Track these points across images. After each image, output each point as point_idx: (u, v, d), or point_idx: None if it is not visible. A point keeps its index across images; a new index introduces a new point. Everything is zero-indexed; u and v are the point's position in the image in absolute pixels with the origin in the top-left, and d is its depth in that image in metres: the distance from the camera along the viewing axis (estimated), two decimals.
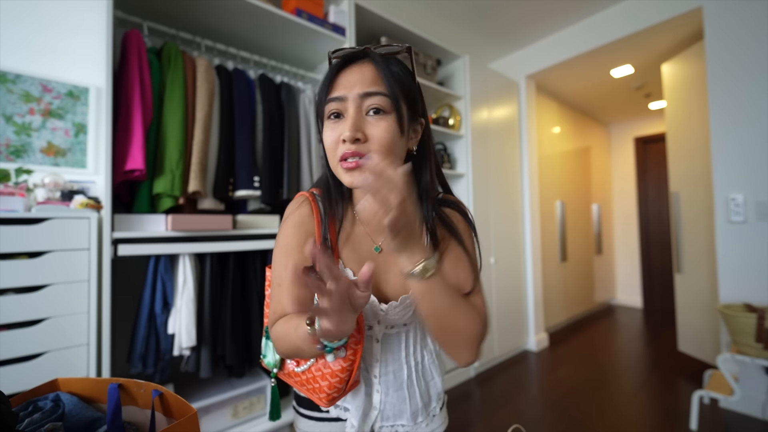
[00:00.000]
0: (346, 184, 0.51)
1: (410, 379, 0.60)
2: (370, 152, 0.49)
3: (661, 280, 3.85)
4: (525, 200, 2.80)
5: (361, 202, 0.47)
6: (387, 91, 0.50)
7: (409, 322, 0.59)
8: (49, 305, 0.99)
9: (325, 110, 0.52)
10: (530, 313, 2.77)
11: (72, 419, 0.44)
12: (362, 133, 0.48)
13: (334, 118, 0.51)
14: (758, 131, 1.78)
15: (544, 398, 1.98)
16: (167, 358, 1.25)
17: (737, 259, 1.85)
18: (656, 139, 3.92)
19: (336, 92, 0.50)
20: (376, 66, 0.51)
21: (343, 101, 0.50)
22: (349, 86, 0.50)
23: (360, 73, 0.50)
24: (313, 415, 0.61)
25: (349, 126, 0.48)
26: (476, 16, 2.38)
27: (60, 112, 1.36)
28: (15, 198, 1.02)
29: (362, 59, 0.52)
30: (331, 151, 0.51)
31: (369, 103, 0.49)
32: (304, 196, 0.58)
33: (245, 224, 1.41)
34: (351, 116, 0.49)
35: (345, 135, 0.48)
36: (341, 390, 0.51)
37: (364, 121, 0.49)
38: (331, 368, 0.50)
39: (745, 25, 1.82)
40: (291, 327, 0.47)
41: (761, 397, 1.69)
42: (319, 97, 0.53)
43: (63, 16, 1.37)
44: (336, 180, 0.56)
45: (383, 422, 0.59)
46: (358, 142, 0.48)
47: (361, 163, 0.48)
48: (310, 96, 1.66)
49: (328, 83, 0.51)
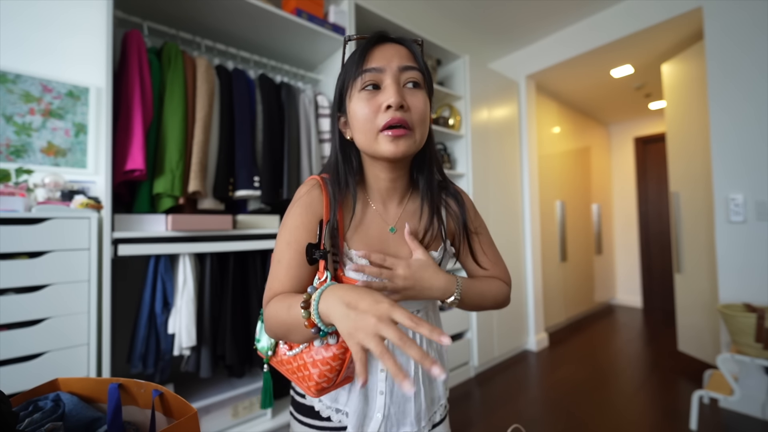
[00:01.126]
0: (388, 154, 0.50)
1: (417, 375, 0.58)
2: (412, 123, 0.50)
3: (661, 280, 3.85)
4: (525, 200, 2.80)
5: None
6: (420, 68, 0.52)
7: (414, 310, 0.59)
8: (50, 305, 0.99)
9: (358, 82, 0.51)
10: (530, 313, 2.77)
11: (72, 419, 0.44)
12: (405, 102, 0.50)
13: (372, 89, 0.51)
14: (758, 131, 1.78)
15: (544, 398, 1.98)
16: (167, 358, 1.25)
17: (737, 259, 1.85)
18: (656, 139, 3.92)
19: (373, 64, 0.50)
20: (408, 46, 0.53)
21: (381, 72, 0.50)
22: (386, 59, 0.51)
23: (394, 49, 0.52)
24: (314, 423, 0.58)
25: (395, 92, 0.49)
26: (476, 16, 2.38)
27: (60, 112, 1.36)
28: (15, 198, 1.02)
29: (390, 40, 0.53)
30: (369, 122, 0.50)
31: (407, 76, 0.51)
32: (315, 179, 0.58)
33: (245, 224, 1.41)
34: (393, 85, 0.49)
35: (391, 100, 0.48)
36: (332, 380, 0.49)
37: (404, 91, 0.51)
38: (323, 355, 0.48)
39: (745, 25, 1.82)
40: (284, 306, 0.46)
41: (761, 397, 1.69)
42: (348, 72, 0.53)
43: (63, 16, 1.37)
44: (348, 163, 0.57)
45: (388, 430, 0.57)
46: (401, 109, 0.49)
47: (406, 133, 0.50)
48: (310, 96, 1.66)
49: (360, 57, 0.51)
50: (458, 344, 2.17)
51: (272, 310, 0.49)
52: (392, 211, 0.59)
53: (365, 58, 0.51)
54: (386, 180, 0.57)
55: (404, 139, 0.50)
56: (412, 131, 0.50)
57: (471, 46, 2.72)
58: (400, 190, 0.59)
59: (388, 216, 0.59)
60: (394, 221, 0.59)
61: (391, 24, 1.86)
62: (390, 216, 0.59)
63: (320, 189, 0.55)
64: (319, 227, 0.52)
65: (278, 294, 0.51)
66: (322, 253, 0.49)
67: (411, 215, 0.60)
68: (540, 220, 2.93)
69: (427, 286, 0.54)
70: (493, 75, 2.57)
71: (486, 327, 2.34)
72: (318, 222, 0.53)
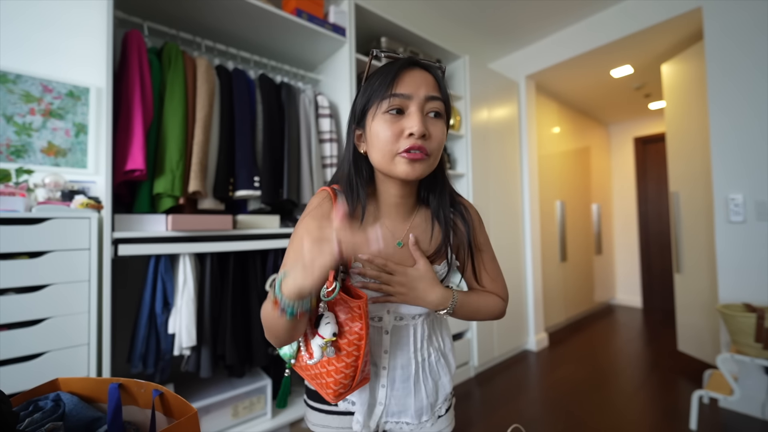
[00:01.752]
0: (404, 175, 0.53)
1: (417, 375, 0.61)
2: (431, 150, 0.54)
3: (660, 280, 3.85)
4: (525, 200, 2.80)
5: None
6: (444, 98, 0.55)
7: (416, 314, 0.61)
8: (50, 305, 0.99)
9: (384, 104, 0.53)
10: (530, 313, 2.77)
11: (72, 419, 0.44)
12: (428, 131, 0.53)
13: (396, 113, 0.53)
14: (758, 131, 1.78)
15: (544, 398, 1.98)
16: (167, 358, 1.25)
17: (737, 259, 1.85)
18: (656, 139, 3.92)
19: (401, 89, 0.53)
20: (434, 75, 0.56)
21: (409, 99, 0.53)
22: (414, 86, 0.53)
23: (423, 77, 0.54)
24: (324, 408, 0.63)
25: (419, 122, 0.51)
26: (476, 16, 2.38)
27: (60, 113, 1.36)
28: (15, 198, 1.02)
29: (419, 65, 0.56)
30: (389, 144, 0.53)
31: (431, 105, 0.54)
32: (326, 191, 0.60)
33: (245, 224, 1.41)
34: (417, 113, 0.52)
35: (415, 129, 0.51)
36: (347, 386, 0.52)
37: (427, 121, 0.54)
38: (335, 365, 0.51)
39: (745, 25, 1.82)
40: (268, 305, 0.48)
41: (761, 397, 1.69)
42: (374, 91, 0.55)
43: (63, 16, 1.37)
44: (360, 176, 0.59)
45: (388, 417, 0.61)
46: (423, 138, 0.52)
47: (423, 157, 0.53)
48: (310, 96, 1.67)
49: (390, 80, 0.53)
50: (458, 344, 2.17)
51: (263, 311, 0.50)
52: (400, 225, 0.61)
53: (395, 81, 0.53)
54: (396, 196, 0.60)
55: (421, 163, 0.53)
56: (429, 156, 0.54)
57: (471, 46, 2.72)
58: (409, 206, 0.62)
59: (396, 230, 0.61)
60: (402, 235, 0.61)
61: (391, 24, 1.86)
62: (397, 230, 0.61)
63: (331, 201, 0.58)
64: None
65: None
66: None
67: (418, 230, 0.62)
68: (540, 220, 2.93)
69: (420, 296, 0.57)
70: (493, 75, 2.57)
71: (486, 327, 2.34)
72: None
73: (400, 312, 0.60)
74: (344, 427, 0.62)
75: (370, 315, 0.59)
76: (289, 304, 0.41)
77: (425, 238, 0.62)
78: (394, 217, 0.61)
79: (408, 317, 0.61)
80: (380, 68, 0.57)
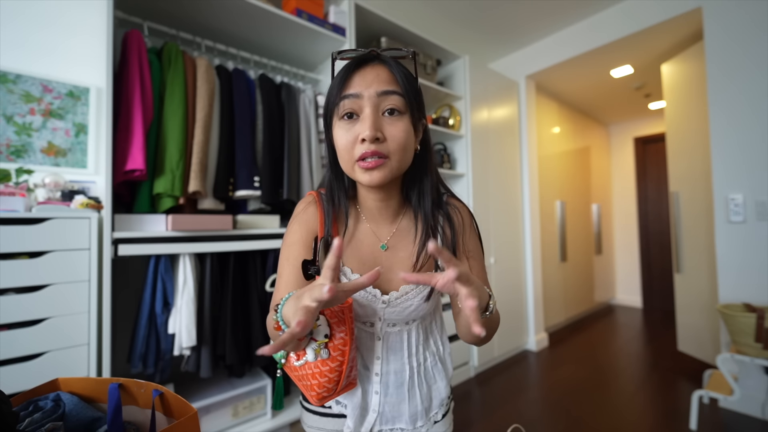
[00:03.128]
0: (365, 183, 0.51)
1: (411, 380, 0.60)
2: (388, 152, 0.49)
3: (660, 280, 3.85)
4: (525, 200, 2.80)
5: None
6: (402, 91, 0.50)
7: (410, 320, 0.59)
8: (50, 305, 0.99)
9: (338, 109, 0.51)
10: (530, 313, 2.77)
11: (72, 419, 0.44)
12: (381, 133, 0.49)
13: (348, 118, 0.50)
14: (758, 131, 1.78)
15: (544, 398, 1.98)
16: (167, 358, 1.25)
17: (737, 259, 1.85)
18: (656, 139, 3.92)
19: (351, 89, 0.49)
20: (390, 67, 0.51)
21: (359, 98, 0.49)
22: (364, 84, 0.49)
23: (374, 72, 0.50)
24: (318, 410, 0.62)
25: (369, 125, 0.48)
26: (476, 16, 2.38)
27: (60, 113, 1.36)
28: (15, 198, 1.02)
29: (374, 61, 0.52)
30: (347, 152, 0.50)
31: (386, 103, 0.49)
32: (312, 195, 0.59)
33: (245, 224, 1.41)
34: (369, 116, 0.48)
35: (365, 134, 0.47)
36: (332, 390, 0.51)
37: (381, 121, 0.49)
38: (320, 368, 0.50)
39: (745, 25, 1.82)
40: (270, 316, 0.49)
41: (761, 397, 1.69)
42: (330, 96, 0.53)
43: (63, 16, 1.37)
44: (340, 180, 0.58)
45: (383, 425, 0.60)
46: (377, 141, 0.48)
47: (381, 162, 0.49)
48: (310, 96, 1.67)
49: (341, 82, 0.51)
50: (458, 344, 2.17)
51: (268, 320, 0.51)
52: (385, 229, 0.59)
53: (345, 83, 0.50)
54: (375, 200, 0.58)
55: (378, 170, 0.49)
56: (389, 159, 0.50)
57: (471, 46, 2.72)
58: (392, 209, 0.59)
59: (381, 233, 0.59)
60: (386, 239, 0.59)
61: (391, 24, 1.86)
62: (383, 233, 0.59)
63: (316, 205, 0.57)
64: (315, 243, 0.55)
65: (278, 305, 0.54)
66: (317, 268, 0.52)
67: (404, 233, 0.59)
68: (540, 220, 2.93)
69: (483, 295, 0.47)
70: (493, 75, 2.57)
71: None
72: (314, 238, 0.56)
73: (393, 318, 0.58)
74: (338, 429, 0.61)
75: (362, 320, 0.58)
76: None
77: (409, 243, 0.59)
78: (378, 220, 0.59)
79: (401, 323, 0.59)
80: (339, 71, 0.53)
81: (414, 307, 0.57)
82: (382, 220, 0.59)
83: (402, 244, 0.59)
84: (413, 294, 0.57)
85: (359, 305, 0.56)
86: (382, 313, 0.57)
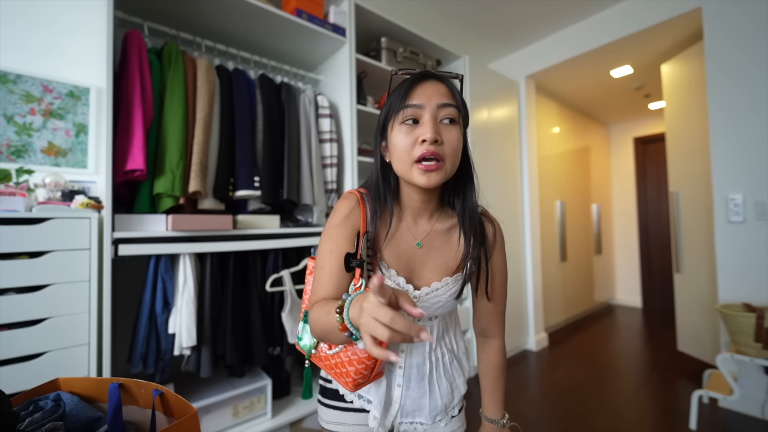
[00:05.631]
0: (422, 184, 0.55)
1: (431, 374, 0.64)
2: (444, 155, 0.55)
3: (660, 280, 3.85)
4: (525, 200, 2.80)
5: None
6: (458, 105, 0.57)
7: (433, 316, 0.63)
8: (50, 305, 0.99)
9: (400, 116, 0.56)
10: (530, 313, 2.78)
11: (73, 419, 0.44)
12: (440, 137, 0.54)
13: (411, 123, 0.56)
14: (757, 131, 1.78)
15: (543, 398, 1.98)
16: (168, 358, 1.25)
17: (736, 259, 1.85)
18: (656, 139, 3.92)
19: (414, 100, 0.56)
20: (447, 84, 0.59)
21: (421, 108, 0.55)
22: (426, 97, 0.56)
23: (434, 87, 0.57)
24: (338, 405, 0.65)
25: (430, 128, 0.54)
26: (476, 16, 2.38)
27: (61, 113, 1.36)
28: (16, 198, 1.02)
29: (433, 78, 0.59)
30: (406, 153, 0.55)
31: (443, 113, 0.56)
32: (354, 194, 0.63)
33: (245, 224, 1.41)
34: (429, 121, 0.54)
35: (427, 136, 0.53)
36: (366, 377, 0.54)
37: (439, 127, 0.55)
38: (358, 355, 0.54)
39: (745, 25, 1.82)
40: (324, 312, 0.51)
41: (760, 397, 1.69)
42: (392, 105, 0.58)
43: (64, 16, 1.37)
44: (387, 182, 0.64)
45: (403, 418, 0.63)
46: (435, 143, 0.54)
47: (438, 166, 0.55)
48: (310, 96, 1.67)
49: (405, 93, 0.57)
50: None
51: (315, 314, 0.53)
52: (422, 227, 0.64)
53: (408, 94, 0.56)
54: (419, 201, 0.63)
55: (436, 173, 0.55)
56: (444, 162, 0.55)
57: (471, 46, 2.72)
58: (431, 210, 0.65)
59: (418, 231, 0.64)
60: (422, 236, 0.63)
61: (391, 24, 1.86)
62: (419, 231, 0.64)
63: (358, 203, 0.61)
64: (357, 238, 0.58)
65: (321, 299, 0.56)
66: (359, 262, 0.56)
67: (439, 234, 0.64)
68: (540, 220, 2.93)
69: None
70: (493, 75, 2.57)
71: None
72: (356, 233, 0.59)
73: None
74: (359, 423, 0.64)
75: None
76: (357, 332, 0.44)
77: (447, 245, 0.64)
78: (417, 219, 0.64)
79: (425, 319, 0.63)
80: (399, 84, 0.60)
81: (442, 303, 0.61)
82: (420, 219, 0.64)
83: (435, 244, 0.63)
84: (443, 291, 0.61)
85: None
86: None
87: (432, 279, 0.62)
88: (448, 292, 0.61)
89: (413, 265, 0.62)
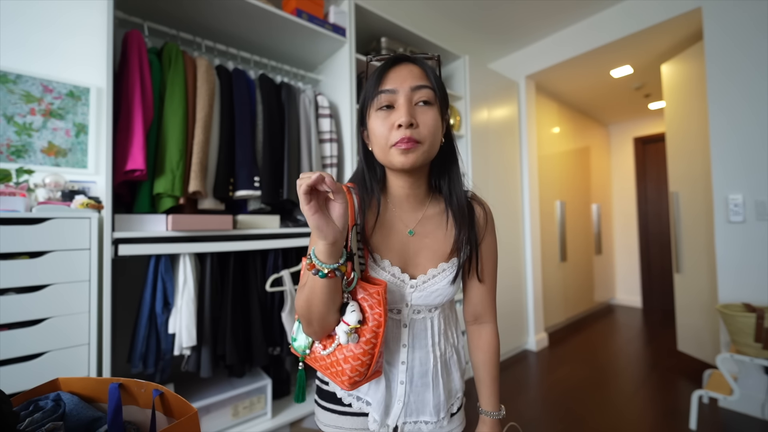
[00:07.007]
0: (399, 165, 0.56)
1: (435, 369, 0.62)
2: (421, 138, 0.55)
3: (660, 280, 3.85)
4: (525, 200, 2.80)
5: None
6: (432, 86, 0.56)
7: (433, 307, 0.62)
8: (50, 305, 0.99)
9: (375, 102, 0.56)
10: (530, 313, 2.78)
11: (73, 419, 0.44)
12: (415, 120, 0.54)
13: (386, 109, 0.56)
14: (757, 131, 1.78)
15: (543, 398, 1.98)
16: (168, 358, 1.25)
17: (736, 259, 1.85)
18: (656, 139, 3.92)
19: (387, 86, 0.56)
20: (421, 66, 0.58)
21: (395, 93, 0.55)
22: (399, 81, 0.56)
23: (408, 70, 0.57)
24: (336, 408, 0.63)
25: (405, 112, 0.54)
26: (476, 16, 2.38)
27: (61, 113, 1.36)
28: (16, 198, 1.02)
29: (406, 60, 0.58)
30: (383, 138, 0.56)
31: (418, 95, 0.55)
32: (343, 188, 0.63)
33: (245, 224, 1.41)
34: (404, 105, 0.54)
35: (401, 120, 0.53)
36: (363, 374, 0.53)
37: (414, 110, 0.55)
38: (353, 351, 0.53)
39: (745, 25, 1.82)
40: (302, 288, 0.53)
41: (760, 397, 1.69)
42: (367, 92, 0.58)
43: (64, 16, 1.37)
44: (372, 171, 0.63)
45: (407, 417, 0.61)
46: (411, 127, 0.54)
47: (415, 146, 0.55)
48: (310, 96, 1.67)
49: (378, 79, 0.57)
50: None
51: (297, 295, 0.55)
52: (412, 215, 0.64)
53: (381, 79, 0.56)
54: (404, 187, 0.62)
55: (413, 152, 0.55)
56: (422, 143, 0.55)
57: (471, 46, 2.72)
58: (420, 197, 0.64)
59: (409, 219, 0.63)
60: (414, 224, 0.63)
61: (391, 24, 1.86)
62: (410, 219, 0.63)
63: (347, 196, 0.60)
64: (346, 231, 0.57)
65: None
66: (349, 254, 0.54)
67: (430, 220, 0.64)
68: (540, 220, 2.93)
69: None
70: (493, 75, 2.57)
71: None
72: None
73: (419, 304, 0.60)
74: (357, 428, 0.62)
75: (389, 306, 0.60)
76: (323, 264, 0.47)
77: (439, 230, 0.63)
78: (405, 207, 0.64)
79: (425, 310, 0.62)
80: (374, 70, 0.60)
81: (440, 291, 0.60)
82: (410, 207, 0.64)
83: (427, 230, 0.63)
84: (440, 278, 0.60)
85: (388, 291, 0.58)
86: (410, 298, 0.60)
87: (428, 266, 0.61)
88: (445, 278, 0.60)
89: (407, 254, 0.61)
